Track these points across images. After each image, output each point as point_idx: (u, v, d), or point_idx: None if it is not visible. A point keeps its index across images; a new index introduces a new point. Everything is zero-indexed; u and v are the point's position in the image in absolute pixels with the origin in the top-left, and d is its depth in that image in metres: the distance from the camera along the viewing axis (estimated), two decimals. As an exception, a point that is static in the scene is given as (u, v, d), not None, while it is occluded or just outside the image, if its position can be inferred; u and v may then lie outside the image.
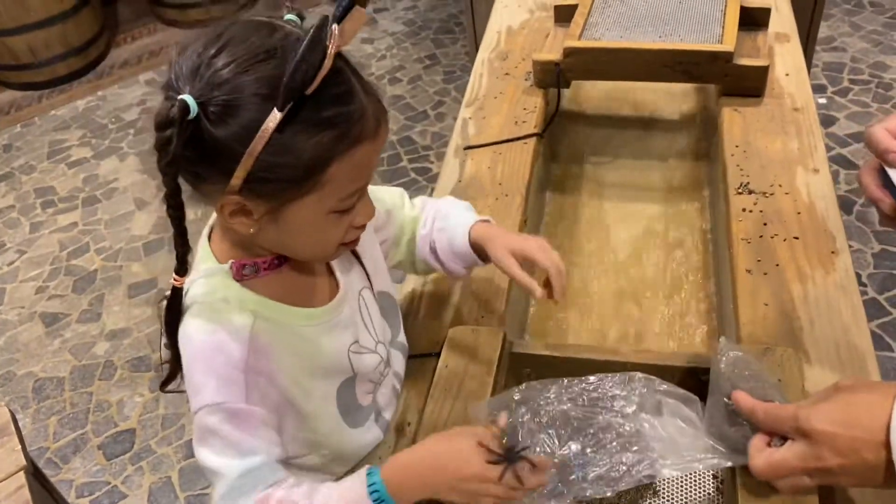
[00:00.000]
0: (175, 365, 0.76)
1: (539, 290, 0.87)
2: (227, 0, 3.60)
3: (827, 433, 0.67)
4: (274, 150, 0.64)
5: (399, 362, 0.95)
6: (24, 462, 1.05)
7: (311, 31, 0.62)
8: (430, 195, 1.24)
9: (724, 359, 0.80)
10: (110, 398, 2.10)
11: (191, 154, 0.65)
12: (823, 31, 2.95)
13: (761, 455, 0.73)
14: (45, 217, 2.74)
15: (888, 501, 0.78)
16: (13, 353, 2.26)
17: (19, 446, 1.07)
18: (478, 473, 0.70)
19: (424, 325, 1.04)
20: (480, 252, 0.92)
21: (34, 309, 2.39)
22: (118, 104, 3.26)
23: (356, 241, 0.78)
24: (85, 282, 2.46)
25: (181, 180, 0.67)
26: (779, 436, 0.74)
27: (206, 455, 0.72)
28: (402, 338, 0.97)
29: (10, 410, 1.13)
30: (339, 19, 0.64)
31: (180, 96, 0.63)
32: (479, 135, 1.33)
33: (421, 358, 0.99)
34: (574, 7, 1.44)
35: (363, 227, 0.77)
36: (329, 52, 0.62)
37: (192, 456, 1.92)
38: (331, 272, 0.84)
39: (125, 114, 3.19)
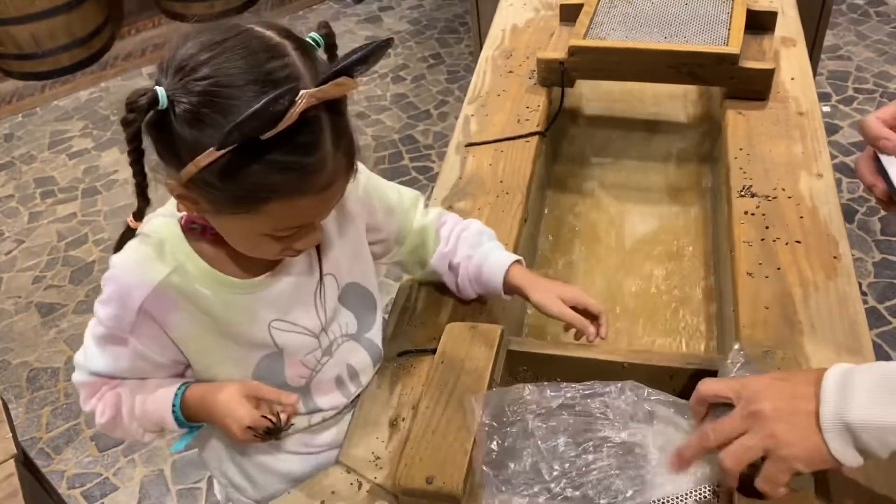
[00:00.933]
0: None
1: (594, 330, 0.93)
2: (232, -5, 3.59)
3: (763, 382, 0.72)
4: (217, 170, 0.66)
5: (358, 357, 0.94)
6: (14, 451, 1.04)
7: (270, 97, 0.62)
8: (431, 193, 1.24)
9: (735, 367, 0.79)
10: (105, 390, 2.09)
11: (155, 134, 0.69)
12: (829, 39, 2.94)
13: (706, 425, 0.74)
14: (44, 207, 2.73)
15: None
16: (8, 342, 2.25)
17: (10, 434, 1.06)
18: (241, 438, 0.81)
19: (421, 320, 1.03)
20: (515, 292, 0.97)
21: (31, 299, 2.38)
22: (121, 96, 3.19)
23: (297, 253, 0.80)
24: (82, 273, 2.45)
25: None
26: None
27: (88, 331, 0.84)
28: (372, 335, 0.95)
29: (1, 399, 1.13)
30: (321, 82, 0.64)
31: (156, 87, 0.66)
32: (481, 132, 1.33)
33: (417, 353, 0.98)
34: (579, 6, 1.43)
35: (304, 250, 0.79)
36: (293, 111, 0.62)
37: (185, 449, 1.91)
38: None
39: (127, 106, 3.18)
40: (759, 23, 1.38)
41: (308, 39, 0.71)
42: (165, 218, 0.80)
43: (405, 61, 3.28)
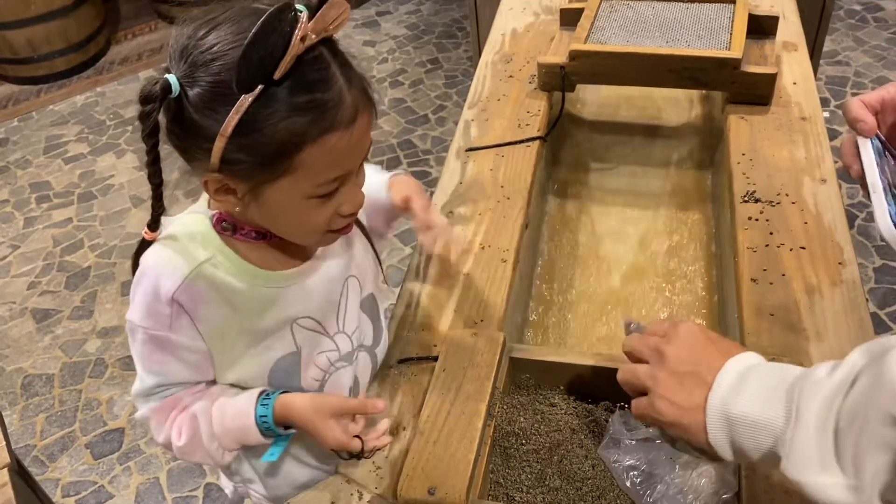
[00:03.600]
0: None
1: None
2: (230, -1, 3.58)
3: (692, 332, 0.74)
4: (245, 131, 0.65)
5: (367, 371, 0.94)
6: (8, 459, 1.03)
7: (263, 18, 0.62)
8: (431, 198, 1.22)
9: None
10: (100, 396, 2.07)
11: (177, 130, 0.68)
12: (827, 45, 2.94)
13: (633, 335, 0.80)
14: (39, 212, 2.71)
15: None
16: (3, 348, 2.23)
17: (3, 443, 1.05)
18: (339, 439, 0.80)
19: (422, 328, 1.02)
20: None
21: (25, 305, 2.36)
22: (117, 101, 3.24)
23: (347, 228, 0.78)
24: (78, 278, 2.43)
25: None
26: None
27: (133, 353, 0.81)
28: (379, 351, 0.95)
29: (-5, 406, 1.11)
30: (316, 8, 0.65)
31: (166, 75, 0.66)
32: (481, 137, 1.31)
33: (418, 361, 0.97)
34: (580, 11, 1.42)
35: (352, 215, 0.77)
36: (294, 39, 0.63)
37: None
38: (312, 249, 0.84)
39: (123, 110, 3.17)
40: (761, 27, 1.37)
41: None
42: (195, 215, 0.79)
43: (403, 66, 3.27)
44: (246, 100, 0.64)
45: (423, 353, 0.98)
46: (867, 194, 0.72)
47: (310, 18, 0.65)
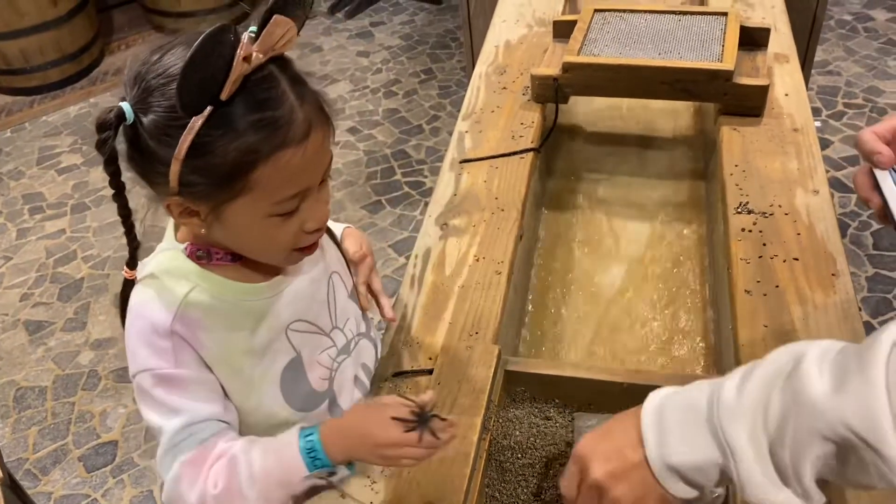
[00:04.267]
0: None
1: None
2: (222, 10, 3.59)
3: (589, 446, 0.70)
4: (197, 153, 0.66)
5: (370, 354, 0.95)
6: (0, 473, 1.02)
7: (198, 41, 0.63)
8: (425, 209, 1.23)
9: None
10: (93, 409, 2.06)
11: (136, 156, 0.70)
12: (818, 55, 2.96)
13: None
14: (32, 223, 2.70)
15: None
16: (-5, 360, 2.22)
17: (-5, 458, 1.04)
18: (395, 440, 0.73)
19: (417, 340, 1.01)
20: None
21: (18, 316, 2.35)
22: None
23: (313, 246, 0.78)
24: (71, 290, 2.42)
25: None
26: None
27: (146, 413, 0.77)
28: (374, 333, 0.97)
29: (-13, 420, 1.10)
30: (259, 29, 0.66)
31: (120, 102, 0.68)
32: (475, 148, 1.32)
33: (413, 375, 0.97)
34: (573, 23, 1.43)
35: (318, 231, 0.77)
36: (236, 59, 0.64)
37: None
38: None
39: (117, 121, 3.16)
40: (753, 39, 1.38)
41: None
42: (167, 252, 0.79)
43: (397, 76, 3.28)
44: (196, 122, 0.65)
45: (418, 366, 0.98)
46: (890, 226, 0.72)
47: (256, 38, 0.66)
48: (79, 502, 1.84)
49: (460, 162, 1.29)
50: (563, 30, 1.46)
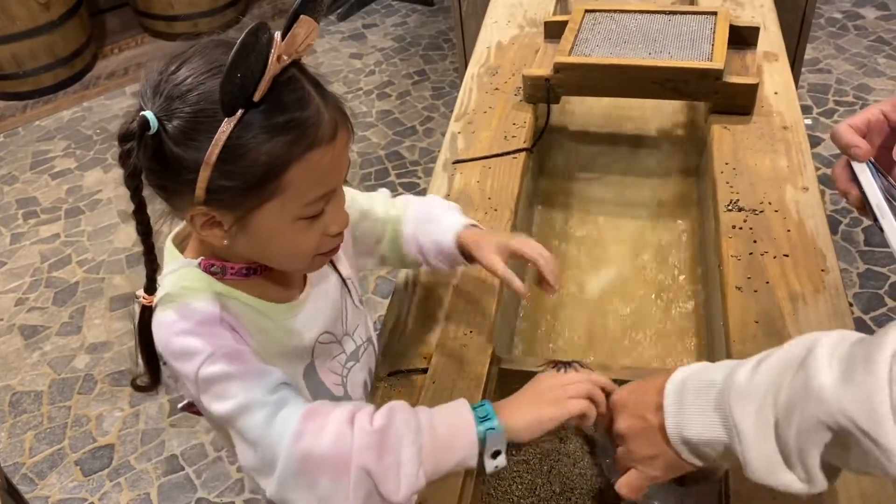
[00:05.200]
0: (154, 377, 0.77)
1: (518, 282, 0.88)
2: (215, 13, 3.59)
3: (622, 397, 0.78)
4: (229, 157, 0.65)
5: (374, 360, 0.96)
6: (-3, 478, 1.03)
7: (242, 37, 0.63)
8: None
9: None
10: (89, 413, 2.06)
11: (157, 168, 0.67)
12: (809, 52, 2.98)
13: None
14: (26, 228, 2.70)
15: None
16: (-10, 365, 2.22)
17: (-7, 461, 1.04)
18: (560, 380, 0.78)
19: (412, 340, 1.02)
20: (467, 255, 0.93)
21: (13, 321, 2.35)
22: (104, 115, 3.24)
23: (334, 250, 0.78)
24: (66, 294, 2.42)
25: (155, 197, 0.70)
26: None
27: (226, 404, 0.69)
28: (374, 338, 0.98)
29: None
30: (286, 30, 0.66)
31: (142, 112, 0.65)
32: (468, 149, 1.33)
33: (408, 374, 0.98)
34: (564, 23, 1.44)
35: (339, 235, 0.77)
36: (271, 59, 0.64)
37: (172, 472, 1.89)
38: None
39: (110, 125, 3.16)
40: (742, 38, 1.39)
41: None
42: (180, 270, 0.76)
43: (390, 78, 3.28)
44: (228, 125, 0.64)
45: (413, 365, 0.98)
46: (869, 217, 0.72)
47: (281, 40, 0.66)
48: (76, 506, 1.85)
49: (453, 163, 1.30)
50: (554, 30, 1.47)
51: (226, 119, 0.64)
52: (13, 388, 2.14)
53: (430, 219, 0.97)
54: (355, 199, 0.95)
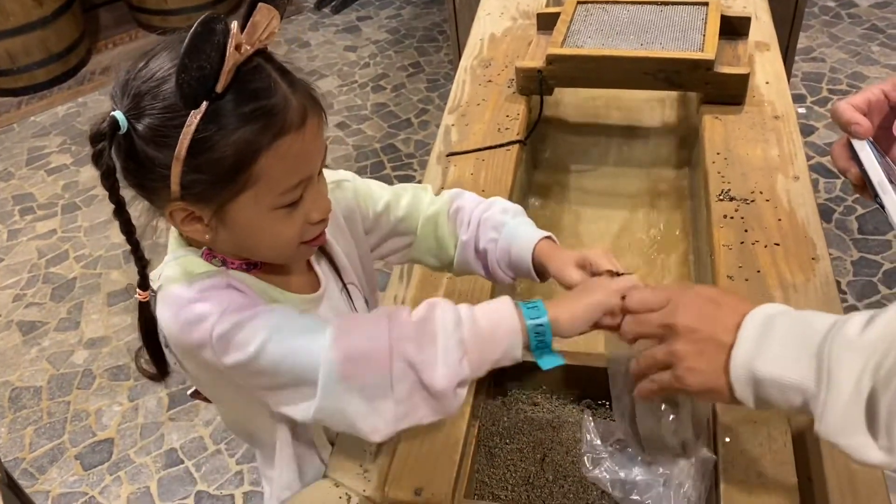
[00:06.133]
0: (160, 369, 0.78)
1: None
2: (207, 8, 3.59)
3: (692, 297, 0.72)
4: (198, 150, 0.66)
5: None
6: (-2, 472, 1.04)
7: (191, 30, 0.63)
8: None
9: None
10: (88, 407, 2.07)
11: (133, 167, 0.68)
12: (802, 41, 2.98)
13: (628, 317, 0.76)
14: (23, 224, 2.70)
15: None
16: (-11, 362, 2.22)
17: (-7, 456, 1.05)
18: (603, 279, 0.79)
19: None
20: (540, 269, 0.88)
21: (11, 317, 2.35)
22: (99, 110, 3.17)
23: (319, 237, 0.77)
24: (63, 289, 2.43)
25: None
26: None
27: (250, 346, 0.69)
28: None
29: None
30: (244, 19, 0.66)
31: (112, 112, 0.67)
32: (461, 141, 1.33)
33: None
34: (556, 15, 1.44)
35: (322, 222, 0.76)
36: (229, 49, 0.64)
37: (172, 465, 1.90)
38: (310, 267, 0.85)
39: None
40: (733, 28, 1.40)
41: None
42: (182, 257, 0.76)
43: (385, 70, 3.28)
44: (194, 118, 0.64)
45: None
46: (868, 197, 0.72)
47: (241, 30, 0.65)
48: (76, 500, 1.86)
49: (447, 155, 1.31)
50: (546, 22, 1.47)
51: (192, 112, 0.64)
52: (12, 384, 2.15)
53: (494, 225, 0.91)
54: (371, 191, 0.93)
